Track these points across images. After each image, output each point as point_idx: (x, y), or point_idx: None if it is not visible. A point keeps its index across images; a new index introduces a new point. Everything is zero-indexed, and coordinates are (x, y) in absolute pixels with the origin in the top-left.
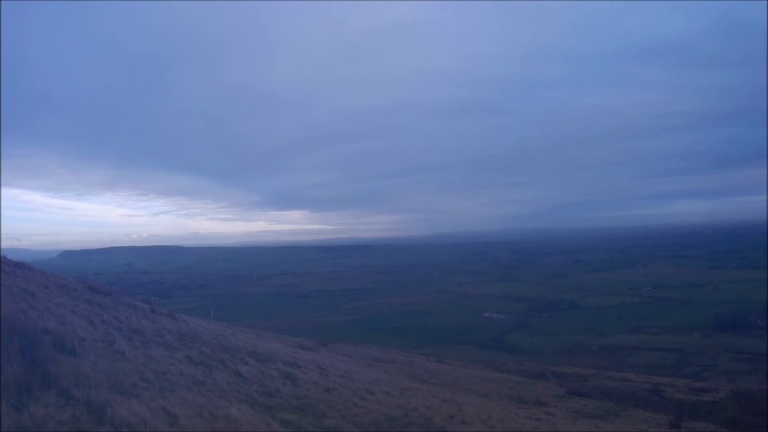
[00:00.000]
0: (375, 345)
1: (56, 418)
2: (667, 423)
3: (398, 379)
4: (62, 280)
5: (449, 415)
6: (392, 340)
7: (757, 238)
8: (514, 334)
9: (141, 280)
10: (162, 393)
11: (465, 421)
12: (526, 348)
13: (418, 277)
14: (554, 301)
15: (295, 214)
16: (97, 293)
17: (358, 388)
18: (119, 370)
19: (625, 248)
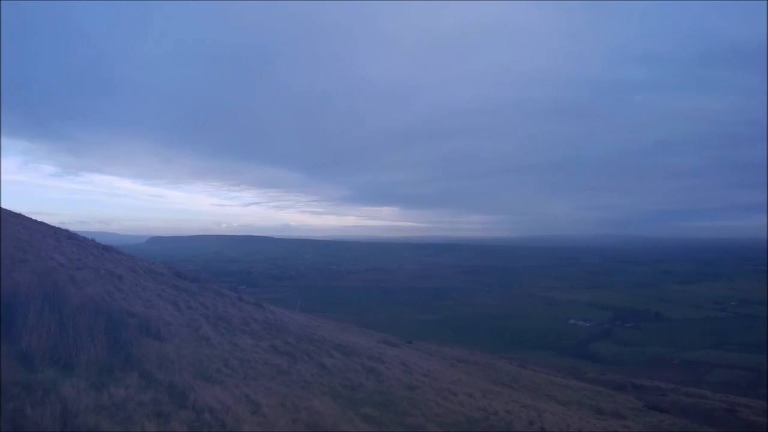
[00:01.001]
0: (459, 345)
1: (136, 399)
2: None
3: (480, 382)
4: (150, 264)
5: (529, 421)
6: (476, 342)
7: None
8: (598, 343)
9: (229, 268)
10: (246, 381)
11: (544, 428)
12: (608, 358)
13: (507, 279)
14: (639, 312)
15: (387, 211)
16: (184, 279)
17: (441, 388)
18: (204, 356)
19: (711, 260)
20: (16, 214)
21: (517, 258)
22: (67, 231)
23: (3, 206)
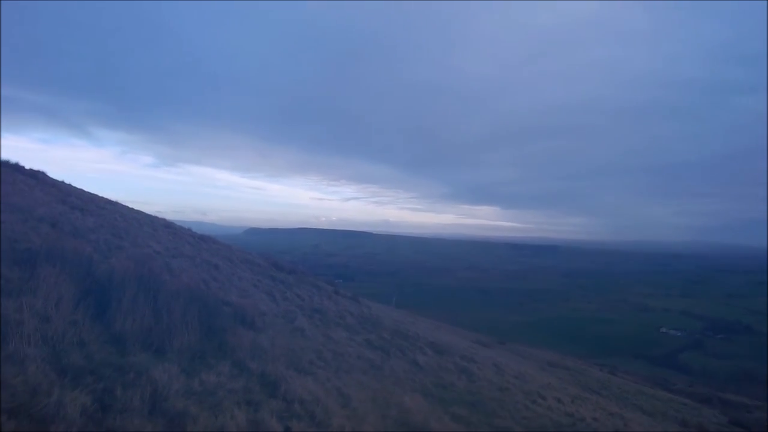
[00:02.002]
0: (551, 349)
1: (227, 386)
2: None
3: (570, 387)
4: (247, 255)
5: (615, 429)
6: (568, 346)
7: None
8: (688, 354)
9: (327, 262)
10: (338, 374)
11: None
12: (697, 369)
13: (602, 283)
14: (731, 323)
15: (486, 210)
16: (281, 270)
17: (531, 391)
18: (297, 347)
19: None
20: (112, 202)
21: (614, 262)
22: (163, 220)
23: (100, 194)
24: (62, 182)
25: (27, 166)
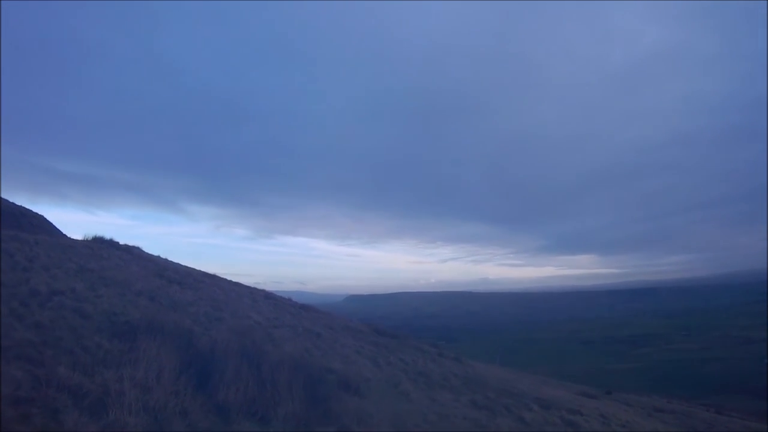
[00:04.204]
0: (656, 394)
1: None
2: None
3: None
4: (348, 322)
5: None
6: (673, 389)
7: None
8: None
9: (428, 324)
10: None
11: None
12: None
13: (704, 320)
14: None
15: (584, 259)
16: (383, 336)
17: None
18: (403, 411)
19: None
20: (210, 275)
21: (713, 297)
22: (263, 291)
23: (196, 267)
24: (158, 257)
25: (121, 242)
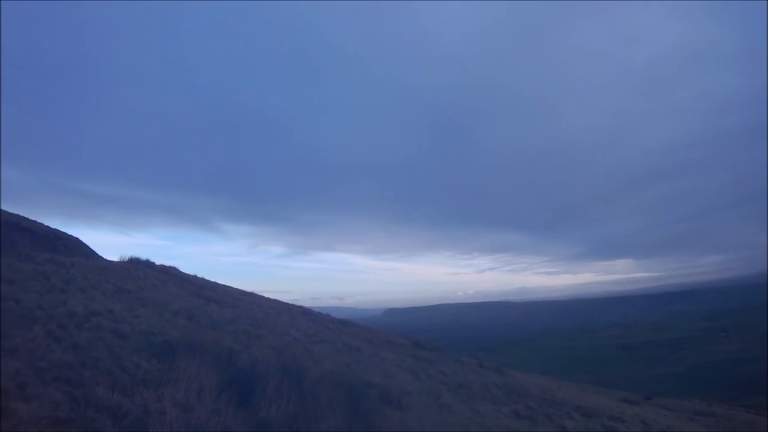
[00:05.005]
0: (697, 397)
1: None
2: None
3: None
4: (387, 336)
5: None
6: (714, 392)
7: None
8: None
9: (467, 335)
10: None
11: None
12: None
13: (742, 321)
14: None
15: (621, 264)
16: (422, 348)
17: None
18: (445, 424)
19: None
20: (248, 293)
21: (750, 296)
22: (301, 307)
23: (234, 285)
24: (195, 276)
25: (157, 263)
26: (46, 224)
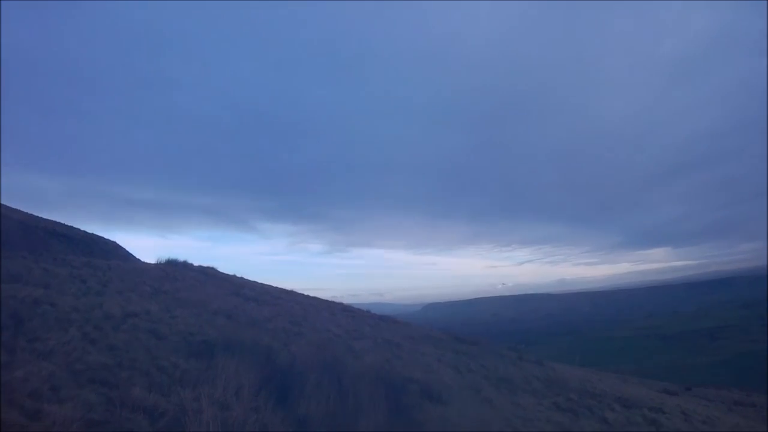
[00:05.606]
0: (736, 387)
1: None
2: None
3: (757, 425)
4: (427, 331)
5: None
6: (752, 381)
7: None
8: None
9: (507, 328)
10: None
11: None
12: None
13: None
14: None
15: (659, 252)
16: (463, 343)
17: None
18: (486, 417)
19: None
20: (287, 291)
21: None
22: (340, 304)
23: (273, 284)
24: (233, 276)
25: (195, 263)
26: (83, 229)
